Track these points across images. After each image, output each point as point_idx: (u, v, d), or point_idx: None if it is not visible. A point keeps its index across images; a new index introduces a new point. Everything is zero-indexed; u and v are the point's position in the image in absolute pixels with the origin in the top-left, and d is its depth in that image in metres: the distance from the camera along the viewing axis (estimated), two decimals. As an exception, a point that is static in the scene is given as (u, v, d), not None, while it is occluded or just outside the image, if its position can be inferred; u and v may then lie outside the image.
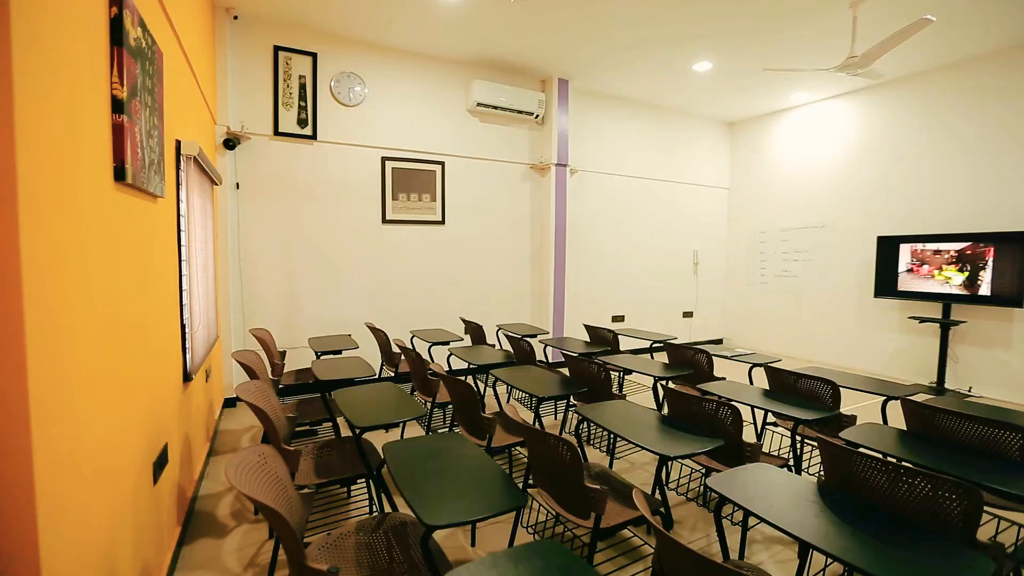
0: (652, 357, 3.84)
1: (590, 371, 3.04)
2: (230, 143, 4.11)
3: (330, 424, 3.34)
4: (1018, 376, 4.75)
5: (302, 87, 4.47)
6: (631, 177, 6.59)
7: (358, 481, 2.81)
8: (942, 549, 1.27)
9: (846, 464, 1.71)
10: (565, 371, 4.90)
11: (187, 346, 2.53)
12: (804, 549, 1.88)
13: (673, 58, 5.07)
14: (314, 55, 4.50)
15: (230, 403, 4.27)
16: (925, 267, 5.20)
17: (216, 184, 3.72)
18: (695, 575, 1.16)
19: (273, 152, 4.42)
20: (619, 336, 4.24)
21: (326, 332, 4.69)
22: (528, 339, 3.82)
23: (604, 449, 3.44)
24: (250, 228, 4.36)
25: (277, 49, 4.34)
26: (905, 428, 2.23)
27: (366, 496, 2.75)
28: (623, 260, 6.61)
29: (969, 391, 5.04)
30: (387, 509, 2.41)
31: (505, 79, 5.48)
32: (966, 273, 4.90)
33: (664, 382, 3.48)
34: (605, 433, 3.70)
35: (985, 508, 2.57)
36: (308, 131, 4.53)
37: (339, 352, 3.68)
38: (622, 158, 6.50)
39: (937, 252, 5.10)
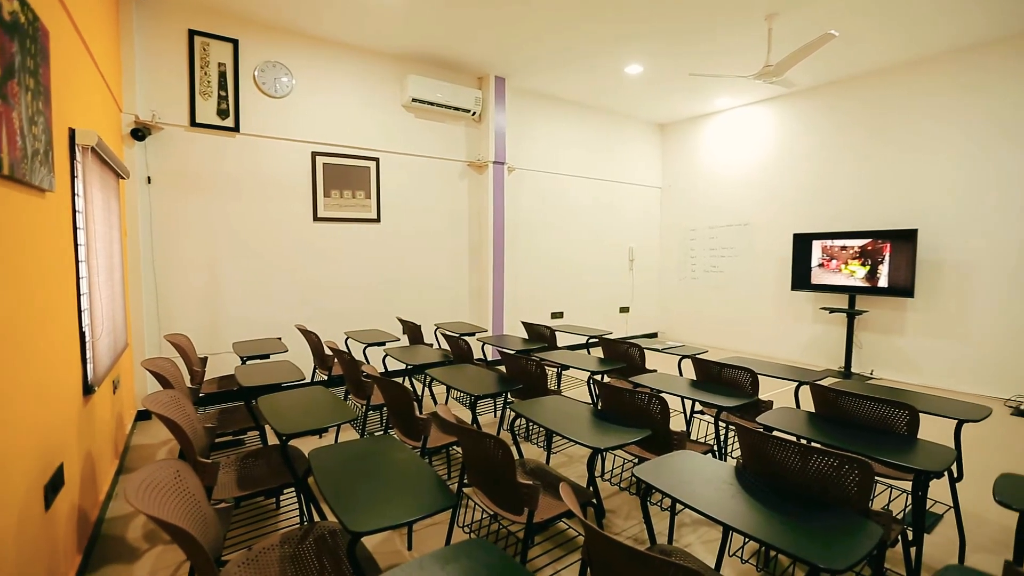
0: (588, 352, 3.93)
1: (526, 368, 3.07)
2: (139, 133, 3.79)
3: (257, 433, 3.17)
4: (911, 359, 5.28)
5: (222, 75, 4.20)
6: (568, 176, 6.71)
7: (286, 492, 2.68)
8: (841, 519, 1.38)
9: (761, 447, 1.82)
10: (504, 369, 4.91)
11: (88, 355, 2.31)
12: (725, 529, 1.99)
13: (606, 60, 5.21)
14: (235, 42, 4.23)
15: (144, 415, 3.95)
16: (834, 262, 5.66)
17: (122, 178, 3.42)
18: (619, 562, 1.19)
19: (190, 144, 4.12)
20: (556, 332, 4.31)
21: (254, 336, 4.44)
22: (466, 337, 3.80)
23: (542, 444, 3.48)
24: (165, 226, 4.04)
25: (192, 33, 4.05)
26: (814, 410, 2.41)
27: (296, 507, 2.63)
28: (561, 257, 6.73)
29: (871, 374, 5.54)
30: (316, 518, 2.31)
31: (441, 75, 5.41)
32: (867, 267, 5.38)
33: (600, 376, 3.57)
34: (543, 428, 3.75)
35: (880, 479, 2.84)
36: (230, 122, 4.26)
37: (267, 356, 3.49)
38: (559, 157, 6.60)
39: (843, 248, 5.57)
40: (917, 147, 5.17)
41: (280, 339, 4.01)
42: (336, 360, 3.66)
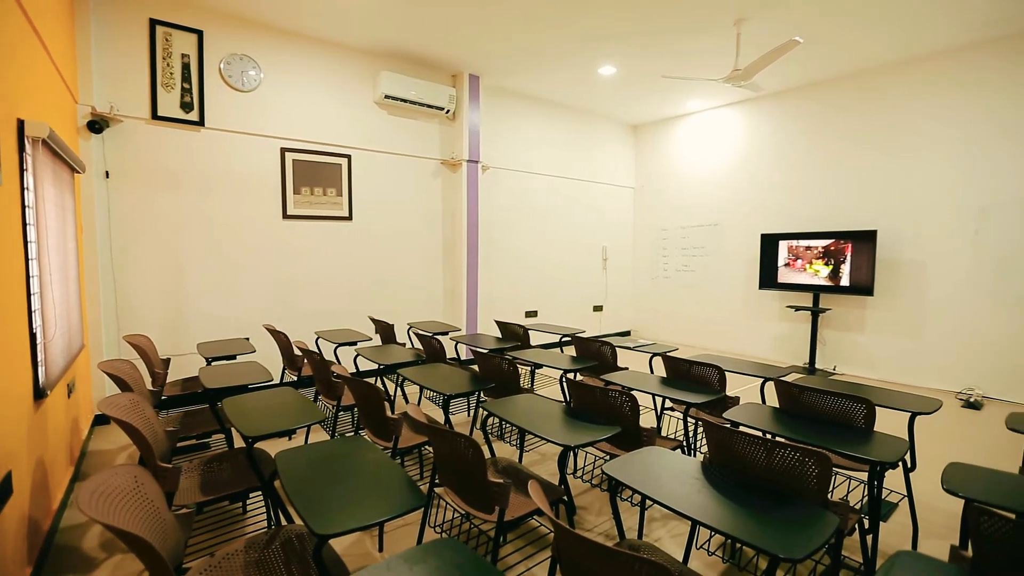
0: (562, 351, 3.96)
1: (499, 367, 3.07)
2: (96, 126, 3.63)
3: (222, 436, 3.09)
4: (871, 355, 5.49)
5: (186, 67, 4.06)
6: (543, 175, 6.74)
7: (253, 496, 2.62)
8: (801, 511, 1.43)
9: (726, 442, 1.86)
10: (477, 368, 4.90)
11: (39, 358, 2.21)
12: (693, 523, 2.03)
13: (579, 61, 5.24)
14: (199, 32, 4.10)
15: (103, 420, 3.80)
16: (799, 261, 5.84)
17: (78, 172, 3.28)
18: (587, 558, 1.20)
19: (152, 138, 3.97)
20: (530, 331, 4.33)
21: (220, 336, 4.31)
22: (439, 337, 3.78)
23: (514, 443, 3.49)
24: (125, 222, 3.89)
25: (154, 23, 3.90)
26: (779, 406, 2.48)
27: (264, 511, 2.57)
28: (536, 256, 6.75)
29: (834, 370, 5.74)
30: (284, 522, 2.26)
31: (414, 72, 5.35)
32: (831, 266, 5.57)
33: (572, 374, 3.60)
34: (516, 427, 3.76)
35: (839, 470, 2.95)
36: (194, 116, 4.12)
37: (233, 357, 3.40)
38: (534, 156, 6.62)
39: (808, 248, 5.75)
40: (879, 150, 5.38)
41: (248, 339, 3.91)
42: (306, 360, 3.60)
